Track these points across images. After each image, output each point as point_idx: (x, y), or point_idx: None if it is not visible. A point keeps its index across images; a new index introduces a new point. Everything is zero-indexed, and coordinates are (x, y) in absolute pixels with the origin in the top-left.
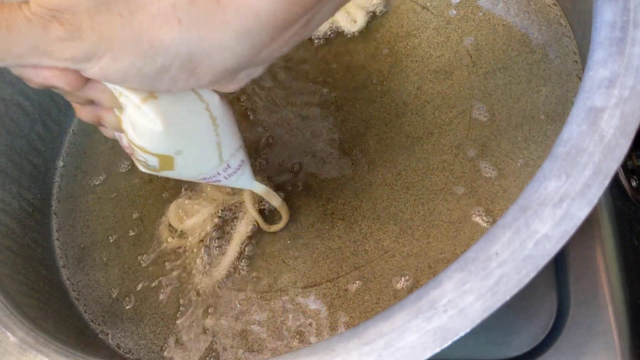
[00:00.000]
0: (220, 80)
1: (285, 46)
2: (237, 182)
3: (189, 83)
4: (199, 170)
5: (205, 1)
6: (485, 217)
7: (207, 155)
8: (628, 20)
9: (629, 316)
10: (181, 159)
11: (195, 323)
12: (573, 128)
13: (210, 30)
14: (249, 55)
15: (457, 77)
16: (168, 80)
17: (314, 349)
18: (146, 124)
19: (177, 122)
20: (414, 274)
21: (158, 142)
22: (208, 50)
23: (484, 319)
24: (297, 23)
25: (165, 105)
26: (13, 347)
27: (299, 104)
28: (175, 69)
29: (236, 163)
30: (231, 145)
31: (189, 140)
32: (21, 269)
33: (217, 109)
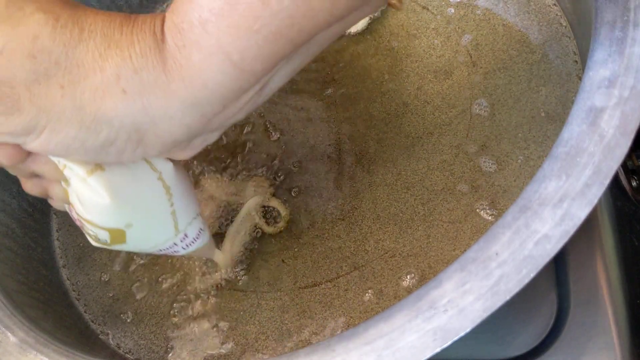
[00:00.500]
0: (171, 149)
1: (239, 113)
2: (196, 251)
3: (136, 154)
4: (154, 242)
5: (150, 71)
6: (485, 217)
7: (162, 226)
8: (628, 20)
9: (629, 316)
10: (133, 231)
11: (196, 323)
12: (573, 128)
13: (156, 100)
14: (198, 125)
15: (457, 77)
16: (114, 152)
17: (314, 349)
18: (93, 198)
19: (126, 194)
20: (420, 271)
21: (106, 216)
22: (154, 121)
23: (484, 319)
24: (250, 91)
25: (113, 176)
26: (13, 347)
27: (298, 104)
28: (121, 140)
29: (194, 232)
30: (188, 214)
31: (141, 212)
32: (21, 269)
33: (171, 177)
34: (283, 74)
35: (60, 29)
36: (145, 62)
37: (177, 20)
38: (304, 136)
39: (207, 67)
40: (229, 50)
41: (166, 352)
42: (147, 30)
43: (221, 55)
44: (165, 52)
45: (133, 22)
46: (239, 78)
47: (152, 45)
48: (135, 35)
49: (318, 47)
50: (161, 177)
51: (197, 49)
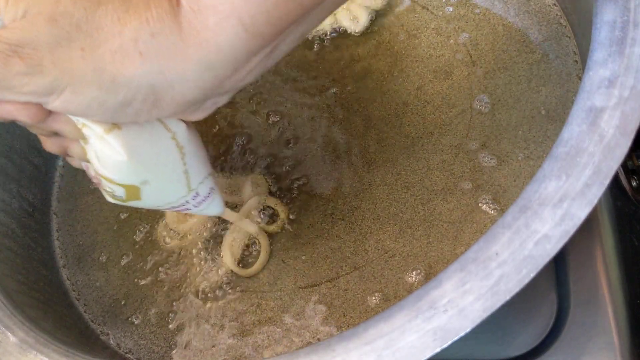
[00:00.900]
0: (185, 111)
1: (249, 75)
2: (206, 209)
3: (152, 114)
4: (167, 200)
5: (167, 35)
6: (484, 219)
7: (175, 184)
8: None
9: (629, 316)
10: (148, 188)
11: (195, 323)
12: (573, 128)
13: (172, 63)
14: (212, 87)
15: (457, 77)
16: (131, 112)
17: (314, 349)
18: (110, 155)
19: (142, 152)
20: (425, 268)
21: (123, 173)
22: (170, 83)
23: (484, 319)
24: (260, 54)
25: (130, 135)
26: (13, 347)
27: (298, 104)
28: (138, 101)
29: (205, 191)
30: (200, 173)
31: (155, 170)
32: (21, 269)
33: (184, 137)
34: (292, 38)
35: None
36: (162, 25)
37: None
38: (304, 136)
39: (221, 30)
40: (242, 14)
41: (166, 352)
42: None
43: (234, 19)
44: (180, 17)
45: None
46: (250, 41)
47: (169, 10)
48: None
49: (327, 12)
50: (175, 137)
51: (212, 13)
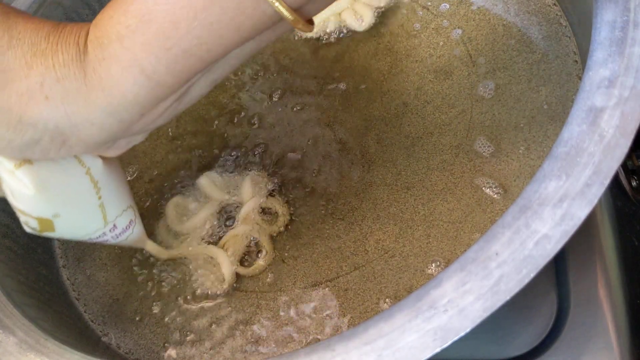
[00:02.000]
0: (96, 150)
1: (160, 118)
2: (126, 241)
3: (61, 153)
4: (83, 232)
5: (72, 80)
6: (484, 221)
7: (90, 217)
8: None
9: (628, 316)
10: (61, 221)
11: (195, 323)
12: (573, 128)
13: (77, 107)
14: (118, 130)
15: (457, 77)
16: (39, 150)
17: (314, 348)
18: (19, 188)
19: (53, 187)
20: (445, 258)
21: (33, 206)
22: (76, 126)
23: (484, 319)
24: (168, 100)
25: (41, 170)
26: (13, 347)
27: (298, 104)
28: (45, 141)
29: (124, 223)
30: (117, 206)
31: (68, 204)
32: (21, 269)
33: (99, 172)
34: (203, 85)
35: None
36: (67, 71)
37: (99, 34)
38: (304, 136)
39: (124, 79)
40: (144, 64)
41: (166, 352)
42: (72, 42)
43: (137, 68)
44: (86, 63)
45: (60, 32)
46: (154, 89)
47: (75, 56)
48: (60, 45)
49: (236, 61)
50: (89, 172)
51: (116, 62)
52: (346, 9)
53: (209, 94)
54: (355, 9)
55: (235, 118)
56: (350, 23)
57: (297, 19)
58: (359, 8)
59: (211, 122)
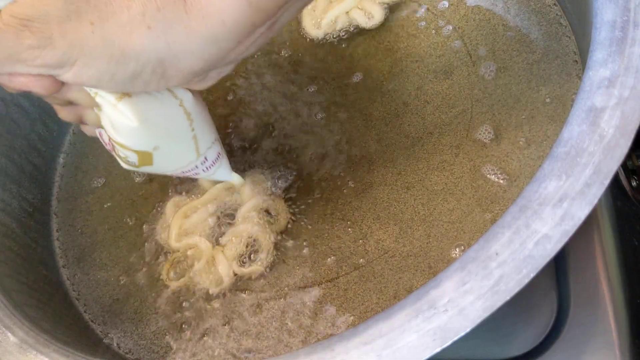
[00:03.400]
0: (191, 80)
1: (252, 47)
2: (215, 174)
3: (160, 85)
4: (178, 164)
5: (173, 9)
6: (485, 217)
7: (185, 149)
8: (628, 20)
9: (629, 316)
10: (159, 154)
11: (195, 323)
12: (573, 128)
13: (178, 36)
14: (216, 59)
15: (457, 77)
16: (140, 83)
17: (314, 348)
18: (123, 121)
19: (152, 118)
20: (468, 242)
21: (135, 139)
22: (177, 55)
23: (484, 319)
24: (262, 27)
25: (140, 102)
26: (13, 347)
27: (298, 104)
28: (146, 73)
29: (213, 155)
30: (207, 139)
31: (166, 135)
32: (21, 269)
33: (190, 104)
34: (292, 11)
35: None
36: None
37: None
38: (304, 136)
39: (225, 5)
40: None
41: (166, 352)
42: None
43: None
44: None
45: None
46: (253, 15)
47: None
48: None
49: None
50: (182, 104)
51: None
52: (354, 8)
53: (210, 93)
54: (363, 7)
55: (234, 118)
56: (359, 21)
57: None
58: (367, 5)
59: None
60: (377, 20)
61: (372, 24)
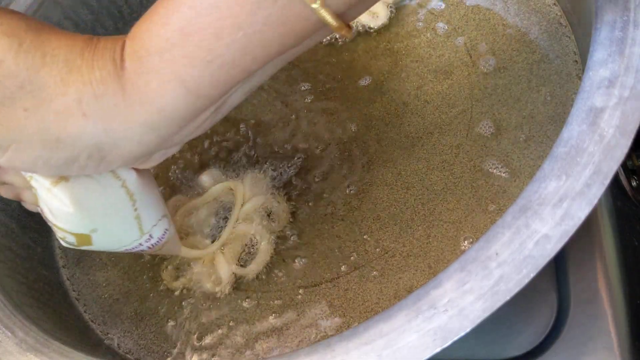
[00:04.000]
0: (133, 163)
1: (198, 130)
2: (161, 250)
3: (100, 168)
4: (120, 244)
5: (110, 96)
6: (485, 218)
7: (126, 229)
8: (628, 20)
9: (628, 316)
10: (99, 235)
11: (195, 323)
12: (573, 128)
13: (116, 124)
14: (156, 145)
15: (457, 77)
16: (77, 168)
17: (314, 348)
18: (58, 206)
19: (90, 203)
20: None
21: (71, 223)
22: (115, 142)
23: (484, 319)
24: (207, 112)
25: (77, 186)
26: (13, 347)
27: (298, 104)
28: (83, 159)
29: (159, 232)
30: (153, 217)
31: (105, 218)
32: (21, 269)
33: (134, 184)
34: (240, 94)
35: (24, 53)
36: (105, 88)
37: (136, 47)
38: (304, 136)
39: (164, 93)
40: (185, 78)
41: (166, 352)
42: (108, 57)
43: (177, 82)
44: (124, 79)
45: (94, 48)
46: (194, 103)
47: (112, 72)
48: (96, 61)
49: (274, 68)
50: (125, 184)
51: (155, 76)
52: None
53: None
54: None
55: (234, 118)
56: (364, 21)
57: (341, 24)
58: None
59: None
60: (382, 20)
61: (378, 23)
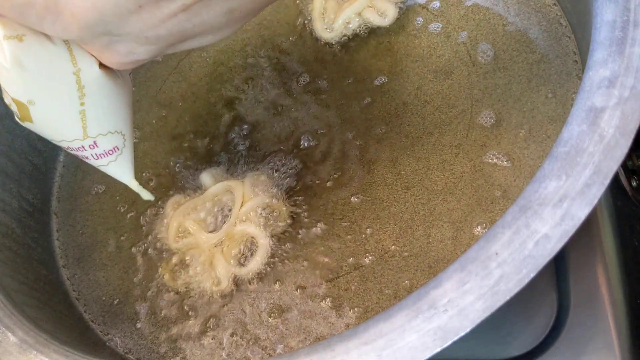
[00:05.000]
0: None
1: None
2: (107, 167)
3: (55, 28)
4: (60, 134)
5: None
6: (484, 217)
7: (66, 120)
8: (628, 20)
9: (628, 316)
10: (36, 111)
11: (195, 322)
12: (573, 128)
13: None
14: (112, 15)
15: (457, 77)
16: (35, 16)
17: (314, 348)
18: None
19: (30, 69)
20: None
21: (8, 82)
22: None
23: (484, 319)
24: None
25: (27, 50)
26: (13, 347)
27: (298, 104)
28: (40, 6)
29: (107, 146)
30: (103, 125)
31: (43, 94)
32: (21, 269)
33: (91, 78)
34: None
35: None
36: None
37: None
38: (304, 136)
39: None
40: None
41: (166, 352)
42: None
43: None
44: None
45: None
46: None
47: None
48: None
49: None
50: (78, 73)
51: None
52: (366, 8)
53: (210, 91)
54: (376, 6)
55: (236, 118)
56: (372, 20)
57: None
58: (380, 5)
59: (212, 121)
60: (391, 18)
61: (387, 22)
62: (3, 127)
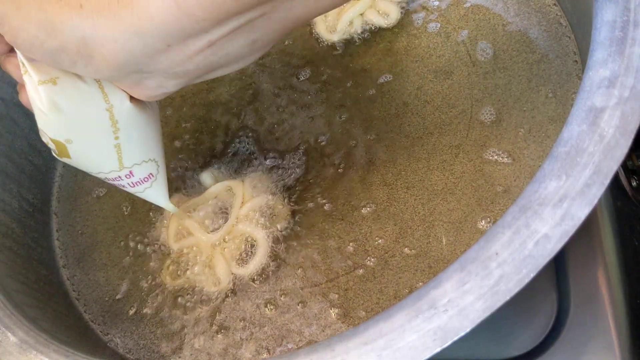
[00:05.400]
0: (122, 78)
1: (190, 63)
2: (144, 193)
3: (88, 70)
4: (97, 168)
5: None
6: (486, 220)
7: (103, 155)
8: (628, 20)
9: (628, 316)
10: (74, 148)
11: (194, 323)
12: (573, 128)
13: (105, 20)
14: (142, 56)
15: (457, 77)
16: (67, 61)
17: (314, 348)
18: (38, 104)
19: (67, 111)
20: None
21: (47, 125)
22: (100, 40)
23: (484, 319)
24: (198, 40)
25: (61, 92)
26: (13, 347)
27: (298, 104)
28: (72, 51)
29: (142, 174)
30: (137, 155)
31: (80, 132)
32: (21, 269)
33: (122, 113)
34: (242, 42)
35: None
36: None
37: None
38: (304, 136)
39: (153, 2)
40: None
41: (166, 352)
42: None
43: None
44: None
45: None
46: (181, 20)
47: None
48: None
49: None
50: (111, 109)
51: None
52: (369, 9)
53: (210, 91)
54: (379, 8)
55: (237, 118)
56: (375, 21)
57: None
58: (383, 5)
59: (212, 121)
60: (393, 20)
61: (389, 22)
62: (3, 127)
